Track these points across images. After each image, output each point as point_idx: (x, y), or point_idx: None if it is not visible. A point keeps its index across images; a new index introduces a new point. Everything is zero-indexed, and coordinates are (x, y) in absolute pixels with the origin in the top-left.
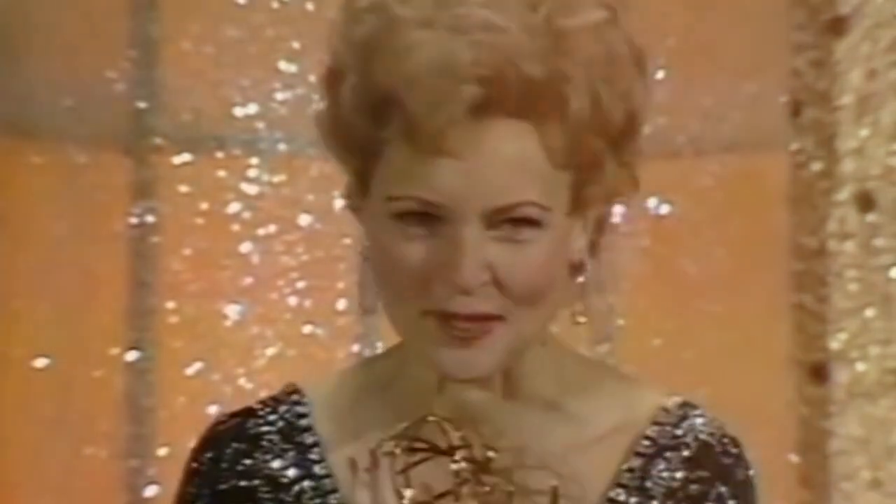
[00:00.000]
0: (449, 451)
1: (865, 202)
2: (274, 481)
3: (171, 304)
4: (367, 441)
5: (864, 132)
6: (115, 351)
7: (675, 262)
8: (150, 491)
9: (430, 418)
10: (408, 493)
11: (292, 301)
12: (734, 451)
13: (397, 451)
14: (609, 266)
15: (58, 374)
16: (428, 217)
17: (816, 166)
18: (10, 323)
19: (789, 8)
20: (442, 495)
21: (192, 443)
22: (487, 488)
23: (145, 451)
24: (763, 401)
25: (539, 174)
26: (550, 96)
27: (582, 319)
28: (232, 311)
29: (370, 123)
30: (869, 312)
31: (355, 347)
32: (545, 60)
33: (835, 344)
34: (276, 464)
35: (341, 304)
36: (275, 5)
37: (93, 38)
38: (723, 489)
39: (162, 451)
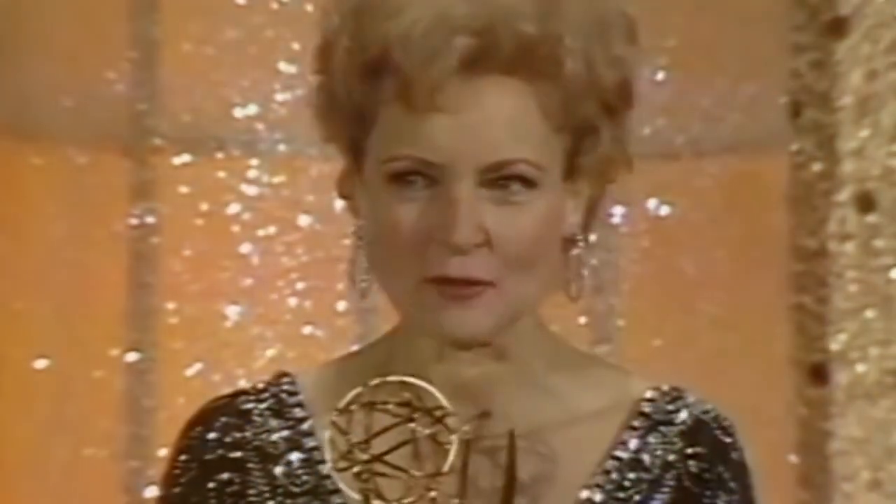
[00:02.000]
0: (406, 405)
1: (865, 203)
2: (263, 452)
3: (171, 305)
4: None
5: (864, 133)
6: (115, 352)
7: (675, 262)
8: (150, 492)
9: (391, 378)
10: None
11: (292, 302)
12: (731, 432)
13: (353, 408)
14: (609, 267)
15: (58, 375)
16: (423, 179)
17: (816, 167)
18: (10, 323)
19: (789, 9)
20: (391, 450)
21: None
22: (440, 439)
23: (145, 452)
24: (763, 401)
25: (533, 133)
26: (544, 55)
27: (582, 321)
28: (232, 311)
29: (364, 85)
30: (869, 313)
31: (354, 348)
32: (539, 19)
33: (835, 345)
34: (265, 436)
35: (341, 306)
36: (274, 6)
37: (93, 40)
38: (725, 474)
39: (162, 452)
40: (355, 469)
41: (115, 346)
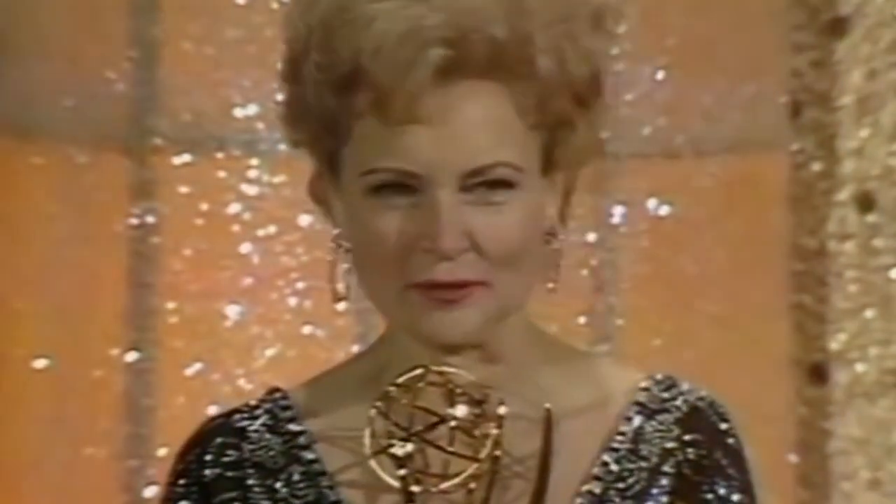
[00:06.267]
0: (446, 389)
1: (865, 202)
2: (262, 468)
3: (171, 305)
4: (354, 428)
5: (864, 132)
6: (114, 351)
7: (674, 262)
8: (150, 491)
9: (433, 367)
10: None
11: (292, 301)
12: (727, 417)
13: (393, 391)
14: (609, 267)
15: (58, 375)
16: (404, 188)
17: (816, 167)
18: (10, 323)
19: (789, 8)
20: (431, 427)
21: None
22: (481, 430)
23: (145, 452)
24: (762, 401)
25: (511, 134)
26: (517, 56)
27: (582, 321)
28: (232, 311)
29: (338, 99)
30: (868, 313)
31: (354, 348)
32: (509, 21)
33: (834, 344)
34: (262, 452)
35: (341, 305)
36: (274, 6)
37: (93, 39)
38: (723, 460)
39: (161, 452)
40: (394, 450)
41: (115, 346)
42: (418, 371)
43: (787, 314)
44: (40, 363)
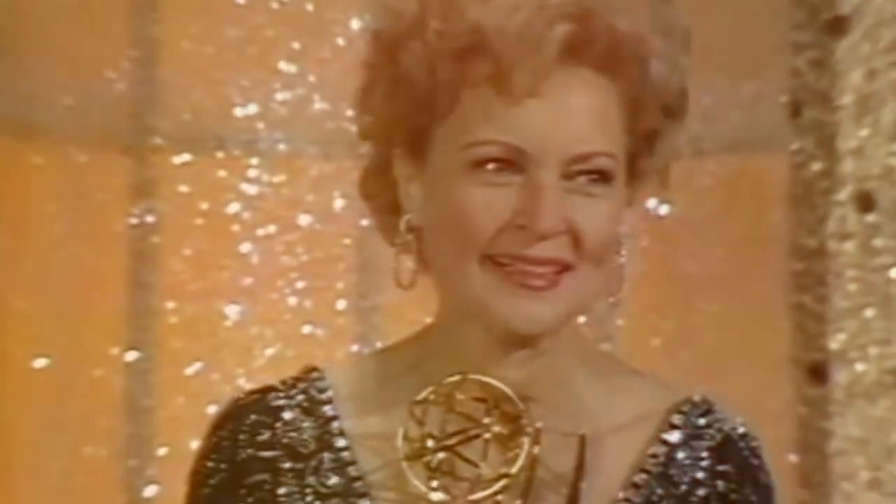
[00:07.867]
0: (482, 401)
1: (865, 202)
2: (293, 451)
3: (170, 305)
4: (389, 419)
5: (863, 132)
6: (114, 351)
7: (674, 262)
8: (150, 491)
9: (472, 376)
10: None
11: (292, 301)
12: (759, 453)
13: (431, 396)
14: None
15: (57, 374)
16: (505, 165)
17: (816, 166)
18: (10, 323)
19: (789, 8)
20: (466, 438)
21: (192, 443)
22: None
23: (145, 452)
24: (762, 401)
25: (614, 130)
26: (633, 54)
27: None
28: (232, 311)
29: (454, 68)
30: (868, 312)
31: (354, 347)
32: (627, 15)
33: (834, 344)
34: (295, 435)
35: (341, 305)
36: (275, 6)
37: (93, 38)
38: (752, 496)
39: (161, 451)
40: (426, 458)
41: (115, 346)
42: (456, 378)
43: (787, 314)
44: (40, 363)
